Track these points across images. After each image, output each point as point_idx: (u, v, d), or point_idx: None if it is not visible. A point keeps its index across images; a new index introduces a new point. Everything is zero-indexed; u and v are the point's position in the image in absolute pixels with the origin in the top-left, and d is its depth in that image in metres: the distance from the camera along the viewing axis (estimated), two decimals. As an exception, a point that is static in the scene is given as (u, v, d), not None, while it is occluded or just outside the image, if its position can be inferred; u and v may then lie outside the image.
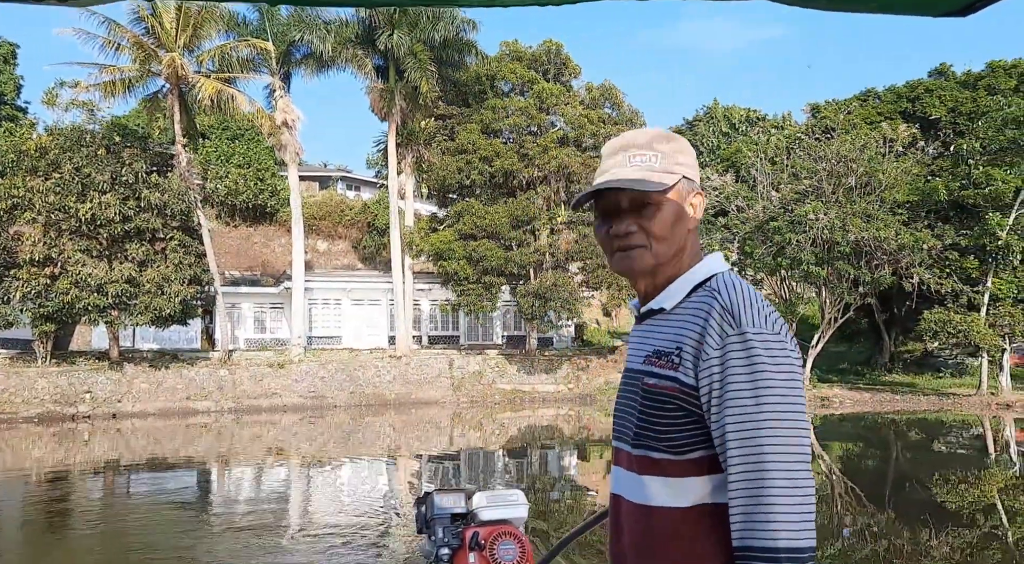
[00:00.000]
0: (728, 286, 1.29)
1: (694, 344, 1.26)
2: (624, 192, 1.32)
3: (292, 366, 25.50)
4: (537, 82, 28.36)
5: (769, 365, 1.19)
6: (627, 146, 1.37)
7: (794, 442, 1.17)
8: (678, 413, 1.27)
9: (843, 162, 22.83)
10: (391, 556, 8.15)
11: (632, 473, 1.35)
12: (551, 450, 17.73)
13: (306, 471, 14.90)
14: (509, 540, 1.98)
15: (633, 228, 1.32)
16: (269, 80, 26.28)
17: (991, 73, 26.31)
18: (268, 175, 37.29)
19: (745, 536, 1.17)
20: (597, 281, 27.43)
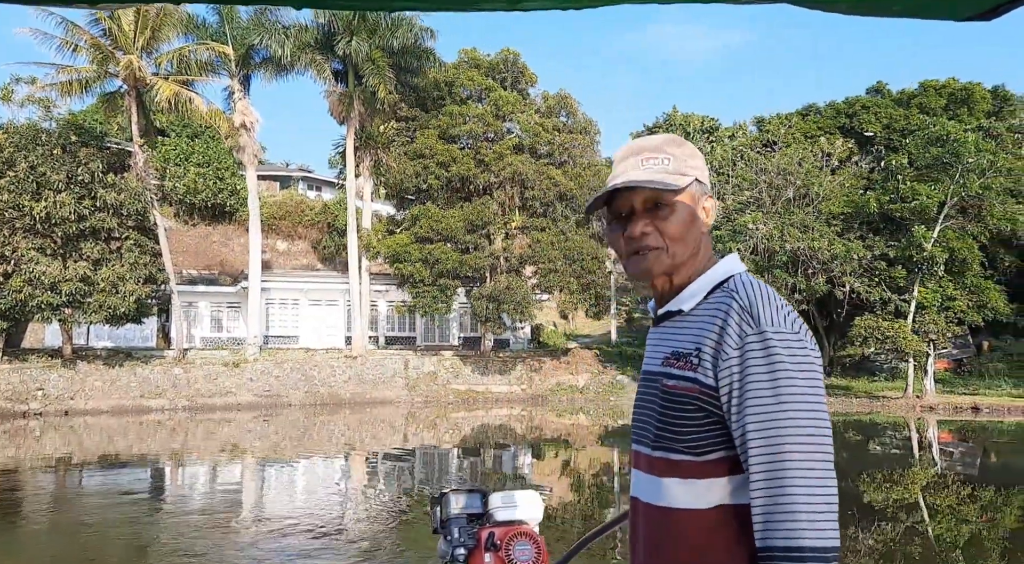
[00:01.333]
0: (746, 286, 1.30)
1: (713, 344, 1.26)
2: (638, 193, 1.34)
3: (247, 365, 25.83)
4: (494, 90, 29.08)
5: (789, 364, 1.19)
6: (639, 150, 1.38)
7: (816, 441, 1.17)
8: (698, 414, 1.27)
9: (782, 175, 23.94)
10: (346, 549, 8.69)
11: (652, 476, 1.35)
12: (505, 449, 18.33)
13: (259, 468, 15.35)
14: (525, 541, 1.98)
15: (648, 229, 1.34)
16: (228, 82, 26.58)
17: (923, 92, 27.74)
18: (228, 174, 37.42)
19: (768, 536, 1.17)
20: (549, 284, 28.23)
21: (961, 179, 21.74)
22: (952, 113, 26.76)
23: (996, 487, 12.62)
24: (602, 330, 38.06)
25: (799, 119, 29.08)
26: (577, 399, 28.52)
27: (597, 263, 28.06)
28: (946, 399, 23.78)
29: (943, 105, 27.03)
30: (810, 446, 1.17)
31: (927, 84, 28.06)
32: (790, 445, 1.16)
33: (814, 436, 1.17)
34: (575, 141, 29.15)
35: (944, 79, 28.15)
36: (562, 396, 28.73)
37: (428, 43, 27.71)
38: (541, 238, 27.50)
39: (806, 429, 1.17)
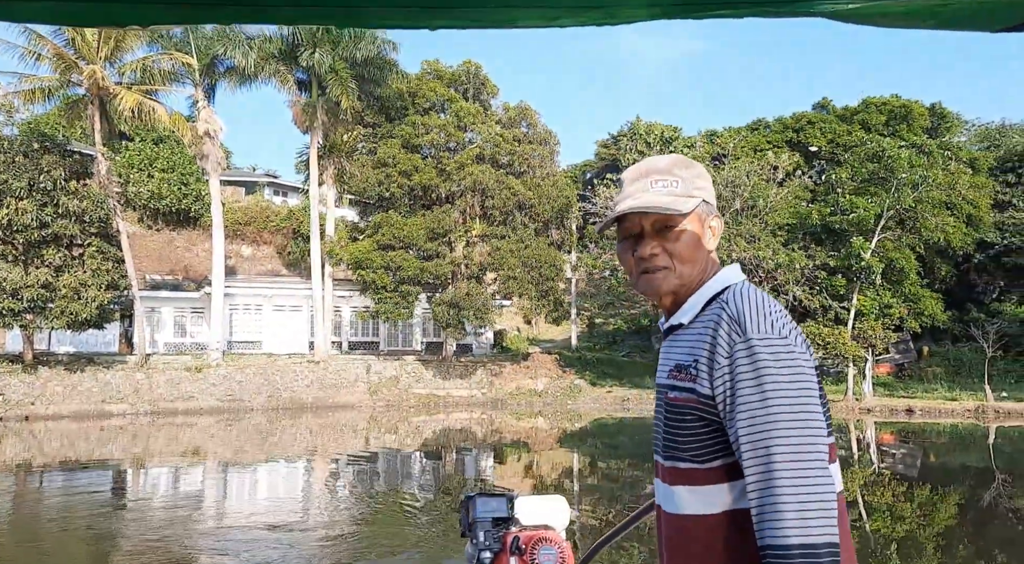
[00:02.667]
0: (736, 296, 1.33)
1: (707, 355, 1.31)
2: (647, 215, 1.38)
3: (209, 370, 26.16)
4: (456, 101, 29.77)
5: (774, 369, 1.23)
6: (648, 172, 1.42)
7: (804, 441, 1.21)
8: (697, 423, 1.32)
9: (730, 187, 24.98)
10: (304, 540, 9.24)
11: (666, 484, 1.40)
12: (466, 453, 18.92)
13: (221, 471, 15.80)
14: (550, 545, 2.00)
15: (657, 250, 1.39)
16: (193, 90, 26.95)
17: (865, 108, 29.04)
18: (192, 179, 37.59)
19: (763, 536, 1.20)
20: (509, 291, 28.96)
21: (896, 193, 22.95)
22: (892, 129, 28.08)
23: (931, 486, 13.49)
24: (565, 335, 38.87)
25: (749, 133, 30.24)
26: (536, 402, 29.24)
27: (555, 270, 28.86)
28: (883, 402, 24.97)
29: (883, 121, 28.34)
30: (797, 446, 1.20)
31: (869, 101, 29.39)
32: (777, 446, 1.20)
33: (801, 436, 1.21)
34: (535, 151, 29.96)
35: (885, 96, 29.49)
36: (521, 400, 29.42)
37: (391, 55, 28.33)
38: (501, 246, 28.23)
39: (793, 429, 1.21)
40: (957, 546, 9.40)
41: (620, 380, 30.85)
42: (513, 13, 0.80)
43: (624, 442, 21.32)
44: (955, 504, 11.97)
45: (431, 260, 28.25)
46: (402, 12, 0.79)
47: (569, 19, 0.81)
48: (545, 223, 29.70)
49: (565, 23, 0.82)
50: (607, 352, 36.82)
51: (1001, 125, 34.39)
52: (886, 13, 0.86)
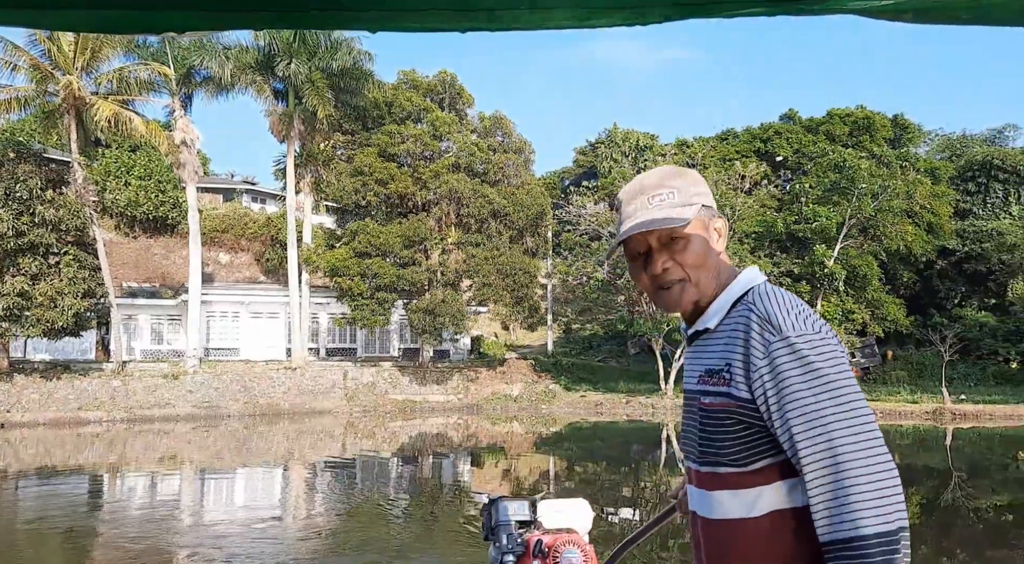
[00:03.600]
0: (762, 296, 1.33)
1: (741, 358, 1.30)
2: (651, 232, 1.38)
3: (186, 377, 26.36)
4: (432, 111, 30.25)
5: (819, 362, 1.23)
6: (643, 190, 1.41)
7: (862, 428, 1.20)
8: (737, 427, 1.31)
9: (698, 196, 25.63)
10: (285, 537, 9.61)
11: (702, 490, 1.39)
12: (443, 457, 19.26)
13: (198, 477, 16.07)
14: (573, 548, 1.99)
15: (669, 264, 1.38)
16: (170, 99, 27.21)
17: (830, 120, 29.90)
18: (170, 187, 37.68)
19: (832, 530, 1.18)
20: (484, 298, 29.44)
21: (857, 202, 23.71)
22: (856, 140, 28.94)
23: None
24: (542, 341, 39.34)
25: (719, 143, 30.99)
26: (511, 407, 29.66)
27: (529, 277, 29.37)
28: (847, 405, 25.69)
29: (847, 132, 29.20)
30: (858, 435, 1.19)
31: (833, 112, 30.25)
32: (839, 438, 1.19)
33: (860, 424, 1.20)
34: (510, 160, 30.49)
35: (849, 108, 30.36)
36: (497, 405, 29.83)
37: (367, 65, 28.73)
38: (476, 253, 28.70)
39: (850, 419, 1.20)
40: (919, 546, 9.94)
41: (594, 385, 31.36)
42: (544, 14, 0.79)
43: (599, 446, 21.80)
44: (917, 504, 12.50)
45: (407, 267, 28.67)
46: (433, 15, 0.78)
47: (599, 19, 0.80)
48: (520, 231, 30.22)
49: (596, 24, 0.81)
50: (583, 357, 37.36)
51: (962, 135, 35.47)
52: (920, 9, 0.85)
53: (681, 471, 16.62)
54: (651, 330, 28.16)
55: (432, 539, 10.15)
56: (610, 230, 28.08)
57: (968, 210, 31.73)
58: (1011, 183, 31.46)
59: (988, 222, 30.79)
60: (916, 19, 0.85)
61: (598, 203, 29.57)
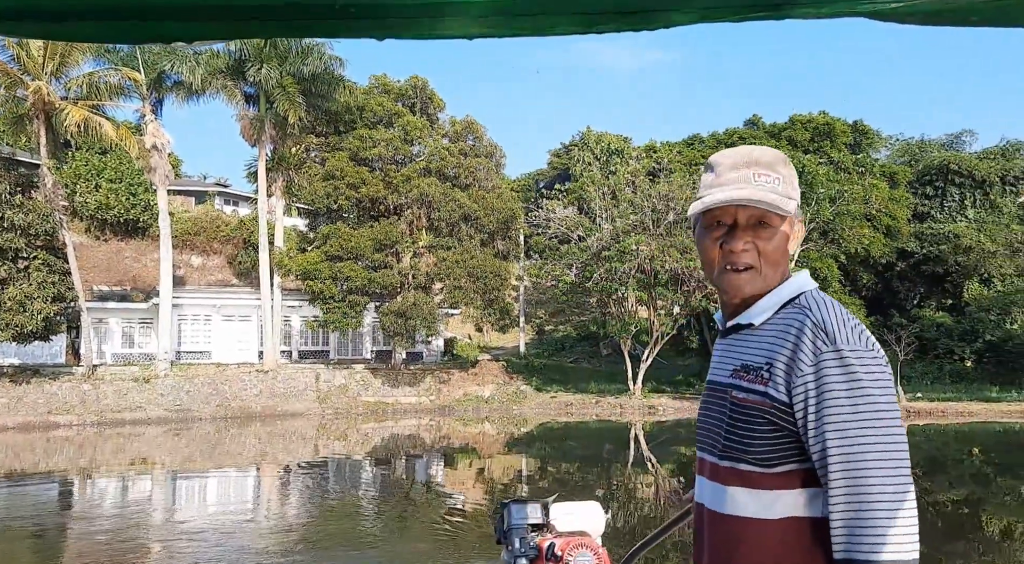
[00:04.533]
0: (819, 303, 1.31)
1: (786, 360, 1.28)
2: (746, 208, 1.34)
3: (157, 380, 26.44)
4: (403, 115, 30.56)
5: (867, 380, 1.22)
6: (751, 163, 1.37)
7: (895, 456, 1.19)
8: (767, 427, 1.29)
9: (664, 200, 26.25)
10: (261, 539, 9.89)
11: (717, 484, 1.36)
12: (416, 458, 19.58)
13: (169, 479, 16.27)
14: (586, 551, 1.98)
15: (749, 246, 1.34)
16: (140, 104, 27.24)
17: (792, 125, 30.70)
18: (141, 190, 37.57)
19: (849, 549, 1.18)
20: (455, 300, 29.81)
21: (816, 206, 24.45)
22: (817, 145, 29.74)
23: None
24: (516, 342, 39.76)
25: (685, 148, 31.64)
26: (482, 409, 30.04)
27: (500, 280, 29.78)
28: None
29: (809, 137, 29.99)
30: (890, 461, 1.18)
31: (795, 118, 31.05)
32: (871, 460, 1.18)
33: (894, 451, 1.19)
34: (480, 164, 30.88)
35: (810, 114, 31.17)
36: (468, 406, 30.20)
37: (338, 70, 28.96)
38: (447, 257, 29.07)
39: (886, 444, 1.19)
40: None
41: (565, 386, 31.84)
42: (551, 21, 0.78)
43: (571, 446, 22.23)
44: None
45: (379, 271, 28.95)
46: (442, 23, 0.77)
47: (606, 25, 0.79)
48: (491, 234, 30.62)
49: (603, 29, 0.80)
50: (555, 358, 37.85)
51: (921, 141, 36.51)
52: (930, 11, 0.83)
53: (651, 470, 17.09)
54: (619, 331, 28.71)
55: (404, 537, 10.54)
56: (579, 234, 28.62)
57: (926, 213, 32.68)
58: (967, 187, 32.49)
59: (945, 225, 31.76)
60: (925, 21, 0.83)
61: (567, 207, 30.06)
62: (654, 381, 30.86)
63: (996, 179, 32.31)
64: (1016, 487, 14.02)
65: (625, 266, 25.56)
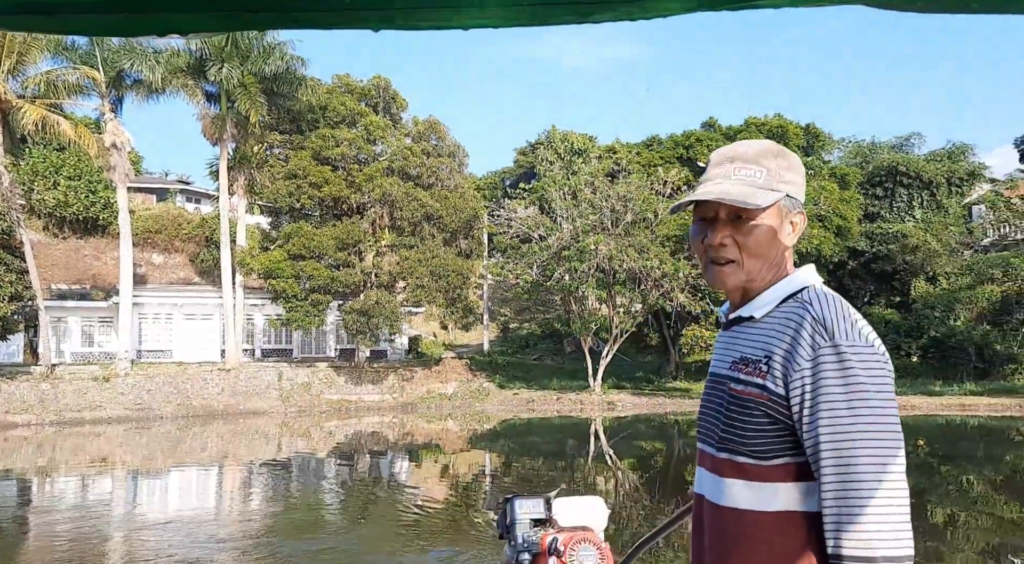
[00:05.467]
0: (819, 298, 1.30)
1: (784, 353, 1.28)
2: (723, 204, 1.35)
3: (117, 379, 26.37)
4: (366, 115, 30.76)
5: (864, 376, 1.21)
6: (734, 157, 1.38)
7: (889, 452, 1.19)
8: (764, 419, 1.30)
9: (623, 201, 26.86)
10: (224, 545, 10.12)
11: (715, 475, 1.38)
12: (380, 455, 19.78)
13: (130, 478, 16.35)
14: (588, 546, 2.00)
15: (727, 241, 1.35)
16: (99, 101, 27.08)
17: (746, 128, 31.55)
18: (100, 187, 37.23)
19: (840, 544, 1.18)
20: (418, 299, 30.14)
21: (768, 208, 25.20)
22: (771, 147, 30.53)
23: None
24: (480, 340, 40.16)
25: (644, 149, 32.33)
26: (445, 406, 30.40)
27: (462, 279, 30.17)
28: (761, 398, 27.30)
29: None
30: (883, 457, 1.19)
31: (750, 121, 31.91)
32: (863, 455, 1.18)
33: (887, 447, 1.19)
34: (443, 164, 31.22)
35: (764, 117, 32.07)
36: (431, 403, 30.53)
37: (300, 70, 29.06)
38: (409, 256, 29.37)
39: (879, 440, 1.19)
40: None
41: (528, 383, 32.30)
42: (549, 10, 0.77)
43: (535, 441, 22.65)
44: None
45: (341, 269, 29.16)
46: (439, 13, 0.77)
47: (602, 14, 0.78)
48: (453, 233, 30.97)
49: (598, 18, 0.78)
50: (519, 356, 38.29)
51: (872, 143, 37.71)
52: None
53: (609, 466, 17.59)
54: (580, 329, 29.28)
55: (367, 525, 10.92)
56: (540, 233, 29.11)
57: (876, 213, 33.77)
58: (914, 188, 33.66)
59: (894, 225, 32.87)
60: (927, 8, 0.81)
61: (528, 207, 30.55)
62: (614, 377, 31.50)
63: (942, 180, 33.53)
64: (958, 477, 14.78)
65: (584, 265, 26.12)
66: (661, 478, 15.17)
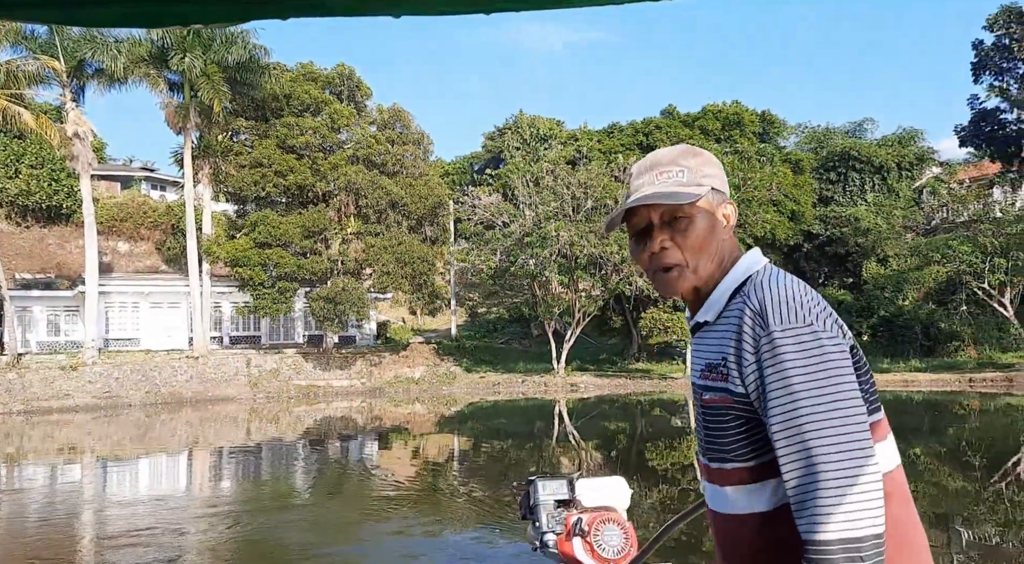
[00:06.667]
0: (758, 288, 1.30)
1: (734, 353, 1.28)
2: (655, 208, 1.35)
3: (85, 368, 26.56)
4: (331, 104, 31.00)
5: (799, 359, 1.20)
6: (653, 165, 1.40)
7: (839, 430, 1.18)
8: (737, 422, 1.30)
9: (583, 188, 27.55)
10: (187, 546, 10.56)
11: (713, 485, 1.38)
12: (350, 438, 20.10)
13: (99, 466, 16.62)
14: (612, 526, 2.01)
15: (668, 244, 1.35)
16: (61, 90, 27.02)
17: (704, 115, 32.34)
18: (63, 175, 36.99)
19: (803, 530, 1.19)
20: (384, 285, 30.61)
21: (723, 194, 26.08)
22: (727, 134, 31.47)
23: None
24: (448, 325, 40.71)
25: (605, 137, 32.99)
26: (413, 390, 30.96)
27: (428, 265, 30.68)
28: (717, 378, 28.30)
29: (720, 127, 31.69)
30: (832, 436, 1.17)
31: (708, 108, 32.72)
32: (811, 438, 1.18)
33: (835, 425, 1.18)
34: (408, 152, 31.60)
35: (724, 103, 32.88)
36: (399, 388, 31.07)
37: (264, 59, 29.15)
38: (375, 243, 29.79)
39: (825, 419, 1.18)
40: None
41: (495, 366, 32.96)
42: None
43: (502, 423, 23.21)
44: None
45: (308, 257, 29.51)
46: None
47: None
48: (419, 220, 31.42)
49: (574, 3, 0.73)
50: (486, 340, 38.93)
51: (826, 129, 38.77)
52: None
53: (574, 445, 18.21)
54: (544, 313, 29.99)
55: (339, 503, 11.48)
56: (503, 220, 29.71)
57: (830, 197, 34.83)
58: (866, 172, 34.76)
59: (847, 208, 33.96)
60: None
61: (492, 194, 31.10)
62: (579, 360, 32.30)
63: (893, 165, 34.66)
64: (905, 451, 15.66)
65: (546, 251, 26.80)
66: (624, 457, 15.76)
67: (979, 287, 24.91)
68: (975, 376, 25.53)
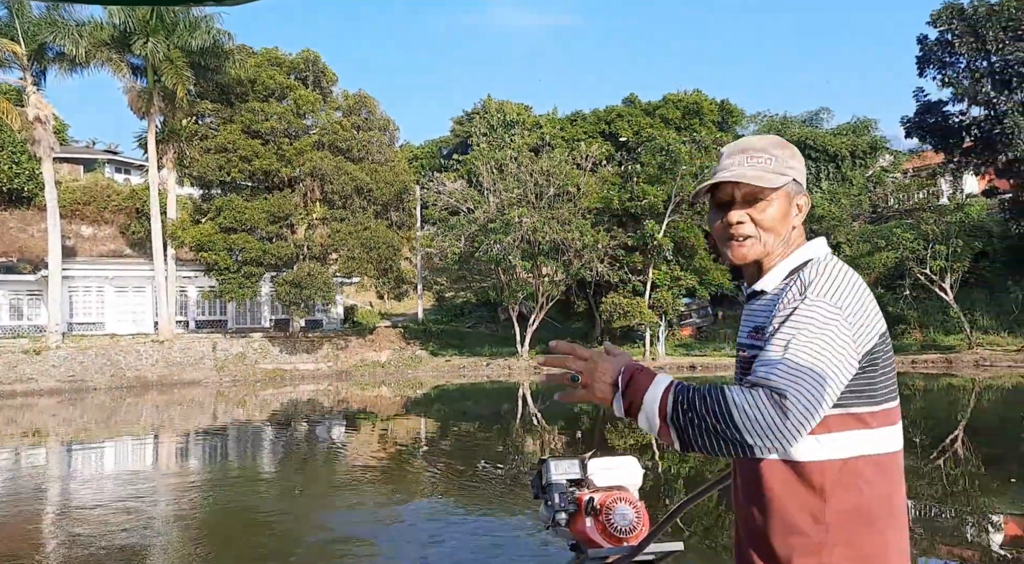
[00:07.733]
0: (812, 270, 1.48)
1: (775, 313, 1.46)
2: (740, 186, 1.52)
3: (49, 352, 26.62)
4: (296, 89, 31.10)
5: (811, 322, 1.38)
6: (746, 149, 1.57)
7: (808, 366, 1.32)
8: None
9: (546, 175, 28.12)
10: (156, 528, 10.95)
11: None
12: (317, 422, 20.33)
13: (64, 449, 16.91)
14: (625, 505, 2.06)
15: (744, 219, 1.53)
16: (21, 74, 26.83)
17: (665, 104, 33.04)
18: (24, 158, 36.62)
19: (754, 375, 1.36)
20: (350, 270, 30.96)
21: (680, 181, 26.84)
22: (687, 122, 32.21)
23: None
24: (415, 309, 41.10)
25: (568, 124, 33.55)
26: (379, 373, 31.38)
27: (393, 251, 31.06)
28: (674, 360, 29.18)
29: (680, 115, 32.41)
30: (801, 371, 1.32)
31: (669, 97, 33.42)
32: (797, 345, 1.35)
33: (808, 371, 1.32)
34: (373, 138, 31.85)
35: (684, 92, 33.59)
36: (365, 371, 31.48)
37: (228, 44, 29.13)
38: (341, 228, 30.09)
39: (801, 357, 1.34)
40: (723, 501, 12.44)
41: (461, 350, 33.47)
42: None
43: (468, 406, 23.67)
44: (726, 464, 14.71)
45: (273, 242, 29.73)
46: None
47: None
48: (384, 206, 31.74)
49: None
50: (453, 324, 39.43)
51: (783, 118, 39.68)
52: None
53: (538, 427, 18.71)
54: (509, 297, 30.58)
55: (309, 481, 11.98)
56: (468, 206, 30.17)
57: (787, 185, 35.65)
58: (822, 161, 35.71)
59: (803, 196, 34.81)
60: None
61: (456, 180, 31.52)
62: (543, 343, 32.95)
63: (847, 153, 35.64)
64: None
65: (509, 237, 27.35)
66: (587, 437, 16.29)
67: (922, 273, 25.96)
68: (917, 358, 26.68)
